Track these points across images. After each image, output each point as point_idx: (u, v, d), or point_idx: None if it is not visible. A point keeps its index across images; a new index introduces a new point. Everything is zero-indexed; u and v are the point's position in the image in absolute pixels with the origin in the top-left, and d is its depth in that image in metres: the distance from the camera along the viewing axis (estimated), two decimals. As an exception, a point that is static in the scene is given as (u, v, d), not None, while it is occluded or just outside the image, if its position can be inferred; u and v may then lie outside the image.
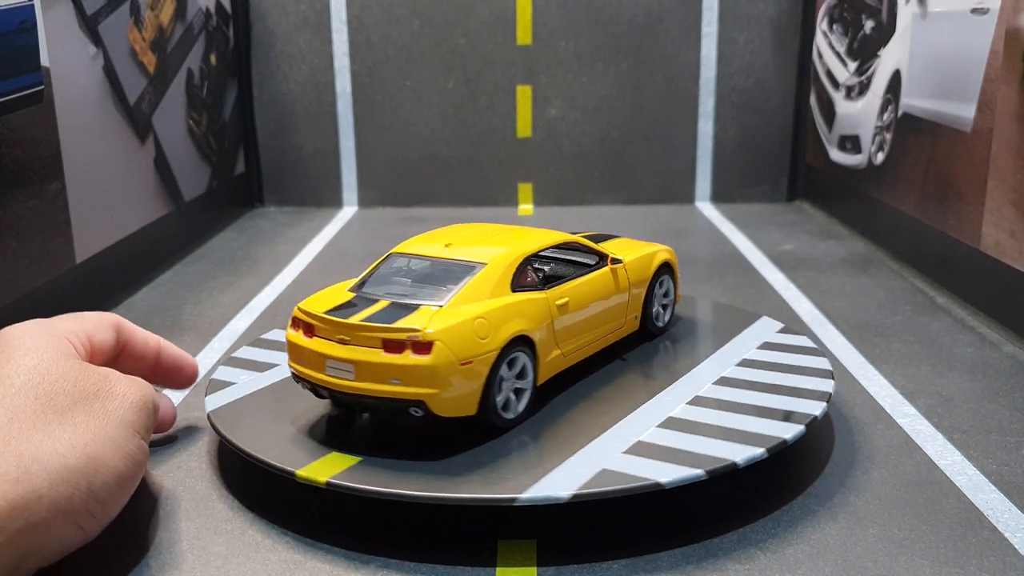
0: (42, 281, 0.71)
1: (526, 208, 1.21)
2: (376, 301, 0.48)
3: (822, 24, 1.13)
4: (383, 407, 0.46)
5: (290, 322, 0.49)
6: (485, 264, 0.49)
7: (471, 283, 0.48)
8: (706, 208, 1.20)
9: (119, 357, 0.51)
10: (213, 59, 1.10)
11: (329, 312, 0.47)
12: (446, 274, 0.49)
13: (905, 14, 0.90)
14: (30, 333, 0.44)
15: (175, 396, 0.60)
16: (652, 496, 0.45)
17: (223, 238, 1.07)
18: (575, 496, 0.41)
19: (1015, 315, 0.69)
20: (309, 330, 0.47)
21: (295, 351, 0.48)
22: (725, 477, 0.46)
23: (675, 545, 0.43)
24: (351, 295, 0.50)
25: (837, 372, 0.63)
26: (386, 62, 1.20)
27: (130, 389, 0.44)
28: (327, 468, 0.44)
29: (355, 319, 0.46)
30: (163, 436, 0.55)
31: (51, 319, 0.47)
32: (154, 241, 0.92)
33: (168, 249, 0.96)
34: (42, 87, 0.72)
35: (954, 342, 0.69)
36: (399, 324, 0.45)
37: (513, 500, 0.41)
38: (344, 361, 0.46)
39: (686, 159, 1.22)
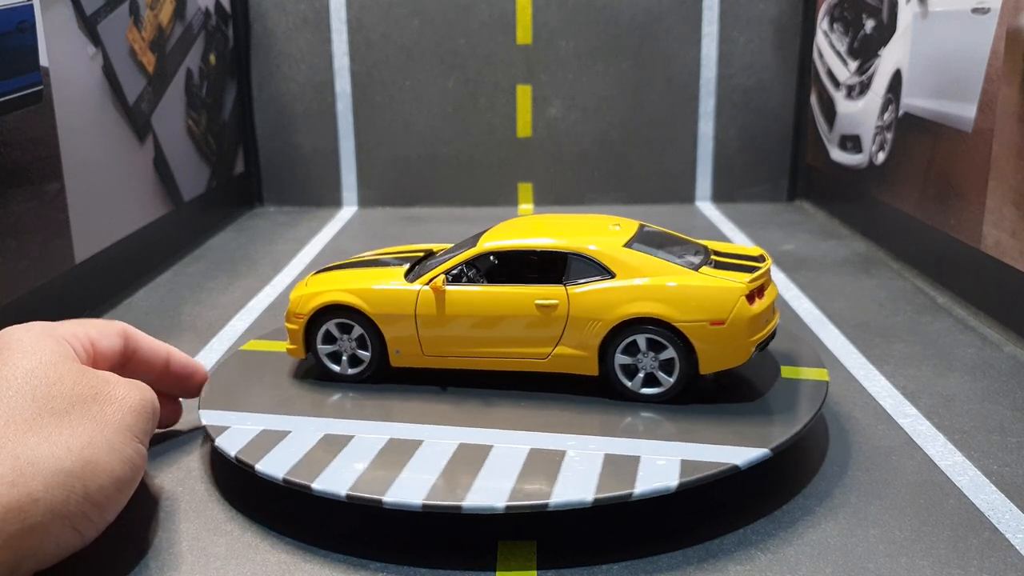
0: (41, 282, 0.71)
1: (526, 208, 1.21)
2: (707, 256, 0.54)
3: (823, 23, 1.13)
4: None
5: (745, 300, 0.50)
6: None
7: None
8: (707, 208, 1.20)
9: (127, 365, 0.51)
10: (212, 59, 1.10)
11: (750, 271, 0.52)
12: (669, 239, 0.56)
13: (906, 14, 0.90)
14: (29, 335, 0.44)
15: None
16: (651, 497, 0.45)
17: (222, 238, 1.07)
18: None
19: (1016, 315, 0.69)
20: (759, 293, 0.51)
21: (754, 324, 0.50)
22: (726, 478, 0.46)
23: (675, 547, 0.43)
24: (673, 262, 0.52)
25: (838, 373, 0.63)
26: (386, 62, 1.20)
27: (130, 393, 0.44)
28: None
29: (762, 264, 0.53)
30: (167, 430, 0.55)
31: (55, 323, 0.47)
32: (153, 241, 0.92)
33: (167, 249, 0.96)
34: (41, 87, 0.72)
35: (955, 342, 0.68)
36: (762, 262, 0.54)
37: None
38: (772, 304, 0.53)
39: (686, 159, 1.22)
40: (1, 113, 0.66)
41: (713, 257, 0.54)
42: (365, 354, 0.55)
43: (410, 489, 0.42)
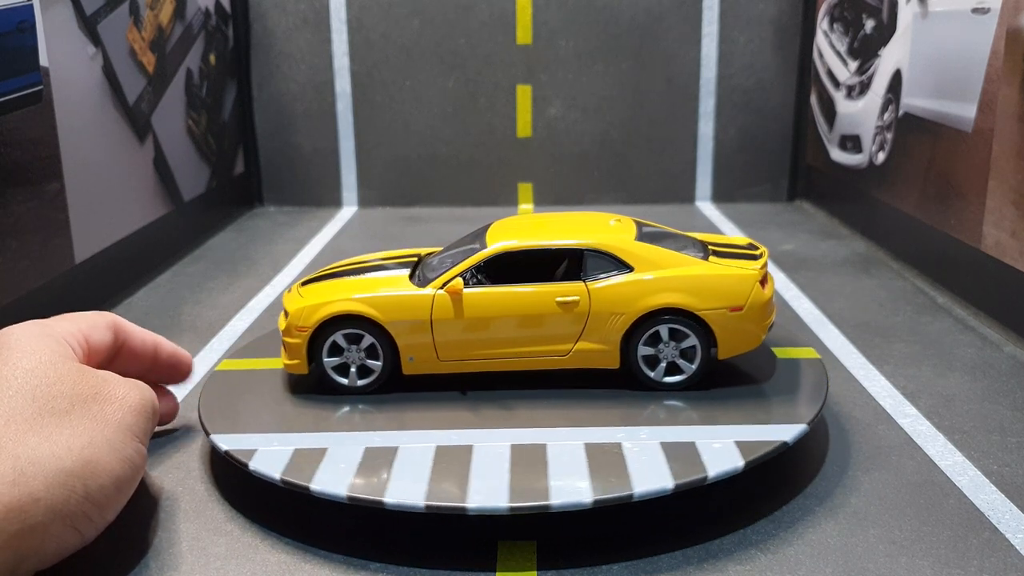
0: (41, 282, 0.71)
1: (526, 208, 1.21)
2: (706, 248, 0.55)
3: (823, 23, 1.13)
4: None
5: (759, 286, 0.52)
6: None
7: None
8: (707, 208, 1.20)
9: (117, 356, 0.51)
10: (212, 59, 1.10)
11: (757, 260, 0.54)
12: (665, 233, 0.57)
13: (906, 13, 0.90)
14: (28, 334, 0.44)
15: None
16: (651, 498, 0.45)
17: (222, 238, 1.07)
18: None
19: (1016, 315, 0.69)
20: (765, 279, 0.53)
21: (766, 309, 0.53)
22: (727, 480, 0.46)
23: (675, 547, 0.43)
24: (681, 253, 0.53)
25: (838, 373, 0.63)
26: (386, 62, 1.20)
27: (129, 392, 0.44)
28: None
29: (758, 251, 0.55)
30: (164, 429, 0.55)
31: (48, 320, 0.47)
32: (153, 241, 0.92)
33: (167, 249, 0.96)
34: (41, 87, 0.72)
35: (955, 342, 0.68)
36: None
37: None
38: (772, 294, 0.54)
39: (686, 159, 1.22)
40: (1, 113, 0.66)
41: (712, 248, 0.55)
42: (376, 364, 0.53)
43: (488, 494, 0.42)
